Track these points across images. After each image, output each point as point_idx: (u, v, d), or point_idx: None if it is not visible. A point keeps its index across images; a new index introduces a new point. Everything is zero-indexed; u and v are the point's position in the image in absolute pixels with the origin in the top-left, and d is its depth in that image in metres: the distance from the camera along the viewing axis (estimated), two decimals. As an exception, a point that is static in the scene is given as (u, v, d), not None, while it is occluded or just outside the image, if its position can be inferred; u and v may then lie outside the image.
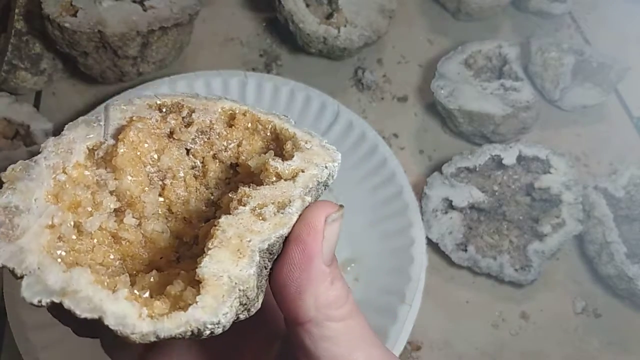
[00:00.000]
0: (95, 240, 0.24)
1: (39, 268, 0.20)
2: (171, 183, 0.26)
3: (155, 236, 0.25)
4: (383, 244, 0.53)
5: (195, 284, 0.21)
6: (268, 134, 0.27)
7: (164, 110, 0.27)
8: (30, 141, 0.57)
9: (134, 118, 0.26)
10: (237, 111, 0.27)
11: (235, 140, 0.27)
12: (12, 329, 0.45)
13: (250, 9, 0.73)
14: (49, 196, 0.23)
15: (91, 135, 0.25)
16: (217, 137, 0.27)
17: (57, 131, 0.58)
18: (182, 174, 0.27)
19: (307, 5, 0.65)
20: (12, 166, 0.23)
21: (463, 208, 0.55)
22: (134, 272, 0.24)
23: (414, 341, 0.51)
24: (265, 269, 0.23)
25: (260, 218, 0.23)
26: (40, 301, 0.20)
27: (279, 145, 0.27)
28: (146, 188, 0.26)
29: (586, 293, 0.55)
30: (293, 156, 0.25)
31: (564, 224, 0.53)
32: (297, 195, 0.24)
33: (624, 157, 0.64)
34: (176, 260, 0.25)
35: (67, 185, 0.23)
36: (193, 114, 0.27)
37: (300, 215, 0.23)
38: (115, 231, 0.24)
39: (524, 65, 0.65)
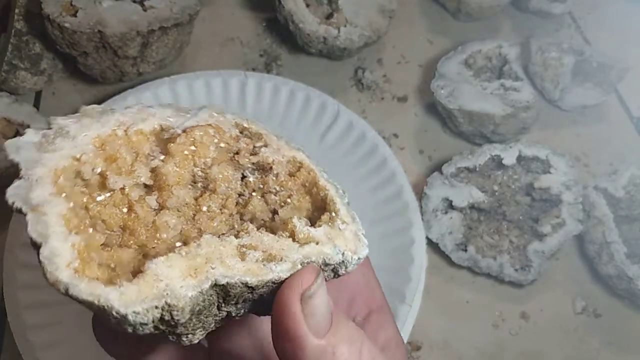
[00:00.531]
0: (112, 199, 0.24)
1: (37, 180, 0.21)
2: (209, 195, 0.26)
3: (162, 227, 0.25)
4: (383, 244, 0.53)
5: (138, 273, 0.20)
6: (319, 199, 0.27)
7: (244, 132, 0.27)
8: (30, 141, 0.57)
9: (212, 124, 0.26)
10: (304, 166, 0.27)
11: (288, 191, 0.27)
12: (12, 328, 0.45)
13: (250, 9, 0.73)
14: (97, 139, 0.24)
15: (171, 119, 0.26)
16: (274, 179, 0.27)
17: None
18: (223, 191, 0.26)
19: (307, 5, 0.65)
20: (94, 105, 0.25)
21: (463, 208, 0.55)
22: (122, 244, 0.24)
23: (414, 341, 0.51)
24: (218, 309, 0.22)
25: (241, 257, 0.22)
26: (13, 203, 0.21)
27: (321, 214, 0.26)
28: (182, 183, 0.26)
29: (586, 293, 0.55)
30: (321, 227, 0.24)
31: (564, 224, 0.53)
32: (293, 259, 0.23)
33: (624, 157, 0.64)
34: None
35: (119, 141, 0.24)
36: (264, 147, 0.27)
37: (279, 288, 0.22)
38: (133, 202, 0.24)
39: (524, 65, 0.65)
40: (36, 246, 0.20)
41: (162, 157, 0.25)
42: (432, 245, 0.55)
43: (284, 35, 0.69)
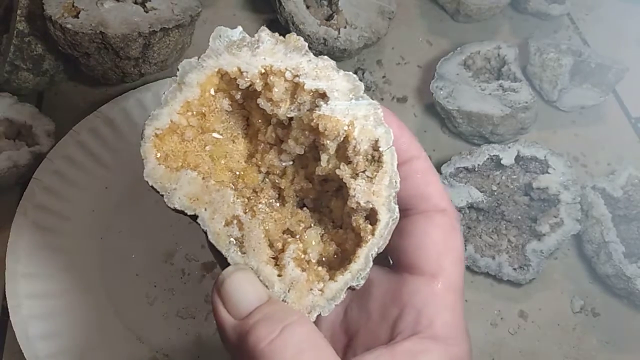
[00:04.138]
0: (233, 114, 0.28)
1: (203, 67, 0.26)
2: (284, 171, 0.28)
3: (233, 158, 0.28)
4: (383, 244, 0.53)
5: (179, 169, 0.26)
6: (337, 263, 0.26)
7: (374, 157, 0.25)
8: (32, 141, 0.57)
9: (350, 131, 0.26)
10: (376, 229, 0.25)
11: (334, 227, 0.27)
12: (14, 328, 0.45)
13: (251, 10, 0.73)
14: (269, 68, 0.26)
15: (338, 98, 0.26)
16: (338, 211, 0.27)
17: (59, 132, 0.58)
18: (299, 180, 0.28)
19: (308, 7, 0.65)
20: (300, 38, 0.26)
21: (462, 208, 0.55)
22: (201, 140, 0.28)
23: (414, 340, 0.52)
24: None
25: (227, 222, 0.25)
26: (178, 69, 0.26)
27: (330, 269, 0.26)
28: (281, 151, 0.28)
29: (584, 292, 0.55)
30: (304, 272, 0.25)
31: (562, 224, 0.53)
32: (248, 262, 0.25)
33: (622, 158, 0.64)
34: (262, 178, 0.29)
35: (282, 82, 0.26)
36: (366, 181, 0.25)
37: None
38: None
39: (523, 66, 0.66)
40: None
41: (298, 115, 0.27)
42: (432, 244, 0.55)
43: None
